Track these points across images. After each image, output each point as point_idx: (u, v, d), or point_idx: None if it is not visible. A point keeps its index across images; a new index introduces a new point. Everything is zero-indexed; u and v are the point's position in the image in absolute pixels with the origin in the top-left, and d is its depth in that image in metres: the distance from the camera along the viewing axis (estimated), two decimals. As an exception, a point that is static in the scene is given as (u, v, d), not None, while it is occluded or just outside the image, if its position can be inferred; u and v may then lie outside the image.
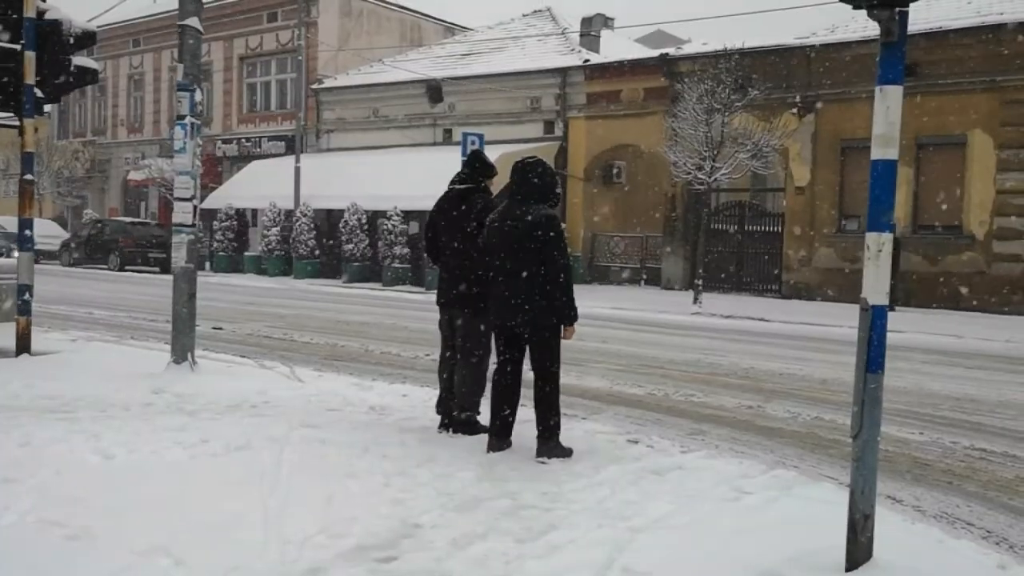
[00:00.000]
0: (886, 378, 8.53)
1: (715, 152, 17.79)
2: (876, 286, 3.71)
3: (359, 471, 4.94)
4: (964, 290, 18.42)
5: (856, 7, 3.63)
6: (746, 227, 22.32)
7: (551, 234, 5.30)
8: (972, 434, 6.98)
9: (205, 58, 30.04)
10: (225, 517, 4.10)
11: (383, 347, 11.09)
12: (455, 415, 6.09)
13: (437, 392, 6.37)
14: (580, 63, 24.36)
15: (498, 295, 5.47)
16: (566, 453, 5.53)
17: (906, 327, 14.05)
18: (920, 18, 19.38)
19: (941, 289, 18.55)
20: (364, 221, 24.26)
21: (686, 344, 12.29)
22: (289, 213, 26.15)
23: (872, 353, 3.69)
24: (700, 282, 18.21)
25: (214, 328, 12.08)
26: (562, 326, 5.45)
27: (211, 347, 9.71)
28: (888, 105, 3.66)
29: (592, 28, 26.14)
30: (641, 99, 23.03)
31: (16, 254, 8.97)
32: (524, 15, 29.39)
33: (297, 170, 25.67)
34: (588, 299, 18.97)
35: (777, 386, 8.99)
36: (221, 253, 27.86)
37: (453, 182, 6.20)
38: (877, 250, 3.71)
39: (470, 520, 4.26)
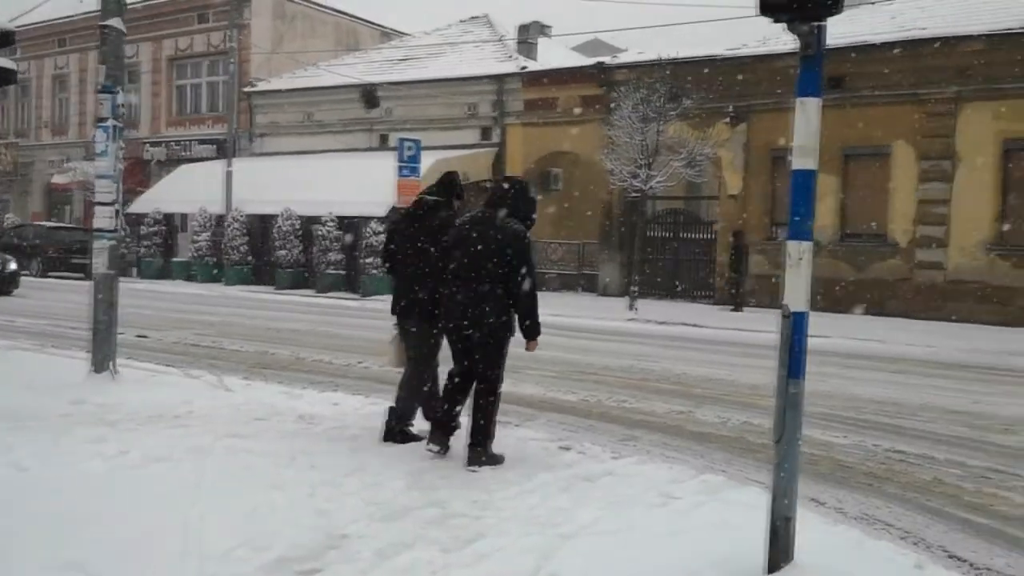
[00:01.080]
0: (813, 383, 8.74)
1: (650, 160, 18.01)
2: (797, 293, 3.77)
3: (285, 482, 4.85)
4: (888, 296, 18.93)
5: (776, 21, 3.69)
6: (681, 234, 22.63)
7: (522, 251, 5.39)
8: (893, 437, 7.16)
9: (133, 59, 29.46)
10: (143, 531, 3.99)
11: (315, 355, 10.95)
12: (393, 425, 6.02)
13: (371, 400, 6.32)
14: (517, 70, 24.43)
15: (454, 299, 5.47)
16: (498, 461, 5.54)
17: (832, 332, 14.37)
18: (845, 32, 19.90)
19: (867, 295, 19.02)
20: (298, 227, 23.94)
21: (621, 350, 12.39)
22: (220, 218, 25.68)
23: (793, 359, 3.75)
24: (636, 288, 18.39)
25: (139, 336, 11.79)
26: (525, 340, 5.58)
27: (135, 356, 9.46)
28: (807, 116, 3.73)
29: (529, 35, 26.25)
30: (578, 107, 23.19)
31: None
32: (461, 21, 29.37)
33: (229, 174, 25.23)
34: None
35: (708, 391, 9.11)
36: (148, 259, 27.21)
37: (422, 195, 6.24)
38: (798, 258, 3.78)
39: (398, 530, 4.22)
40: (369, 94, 26.21)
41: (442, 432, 5.64)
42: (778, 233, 20.38)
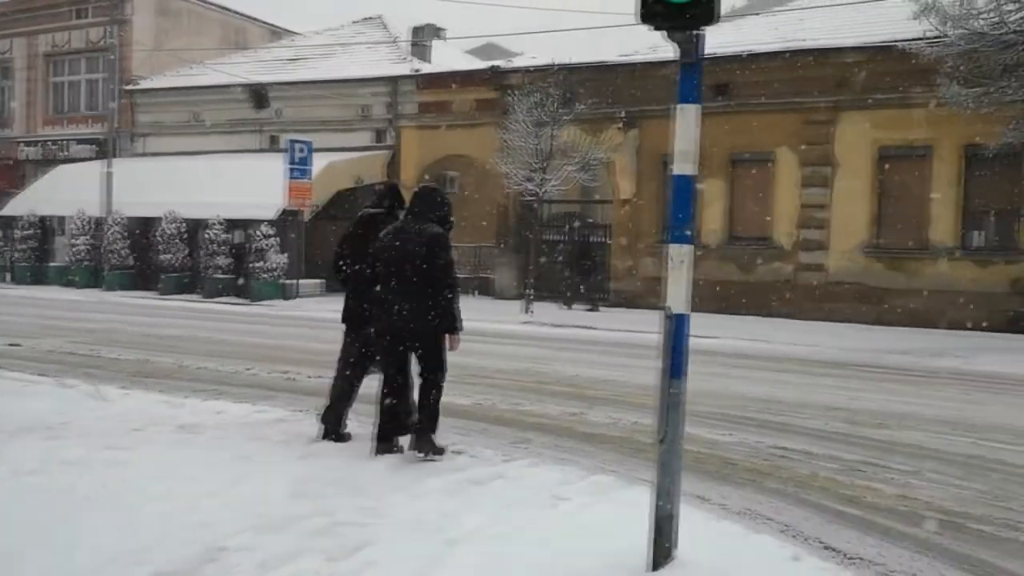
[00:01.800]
0: (700, 382, 8.91)
1: (544, 164, 18.17)
2: (678, 295, 3.85)
3: (163, 494, 4.68)
4: (773, 297, 19.60)
5: (656, 29, 3.76)
6: (575, 238, 22.88)
7: (443, 252, 5.70)
8: (776, 434, 7.39)
9: (6, 55, 28.06)
10: (9, 549, 3.77)
11: (200, 362, 10.61)
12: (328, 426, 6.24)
13: (257, 408, 6.19)
14: (411, 72, 24.29)
15: (386, 304, 5.73)
16: (440, 451, 5.81)
17: (720, 332, 14.79)
18: (731, 41, 20.54)
19: (753, 297, 19.66)
20: (183, 230, 23.15)
21: (516, 353, 12.44)
22: (100, 221, 24.63)
23: (675, 360, 3.83)
24: (531, 292, 18.51)
25: (10, 344, 11.22)
26: (447, 335, 5.81)
27: (7, 365, 9.00)
28: (687, 123, 3.82)
29: (423, 38, 26.12)
30: (473, 110, 23.22)
31: None
32: (354, 22, 29.01)
33: (109, 175, 24.24)
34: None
35: (600, 393, 9.23)
36: (23, 264, 25.89)
37: (367, 207, 6.55)
38: (679, 261, 3.86)
39: (281, 540, 4.12)
40: (258, 94, 25.62)
41: (387, 442, 5.93)
42: (668, 237, 20.85)
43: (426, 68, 24.62)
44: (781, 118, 19.59)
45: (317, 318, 17.48)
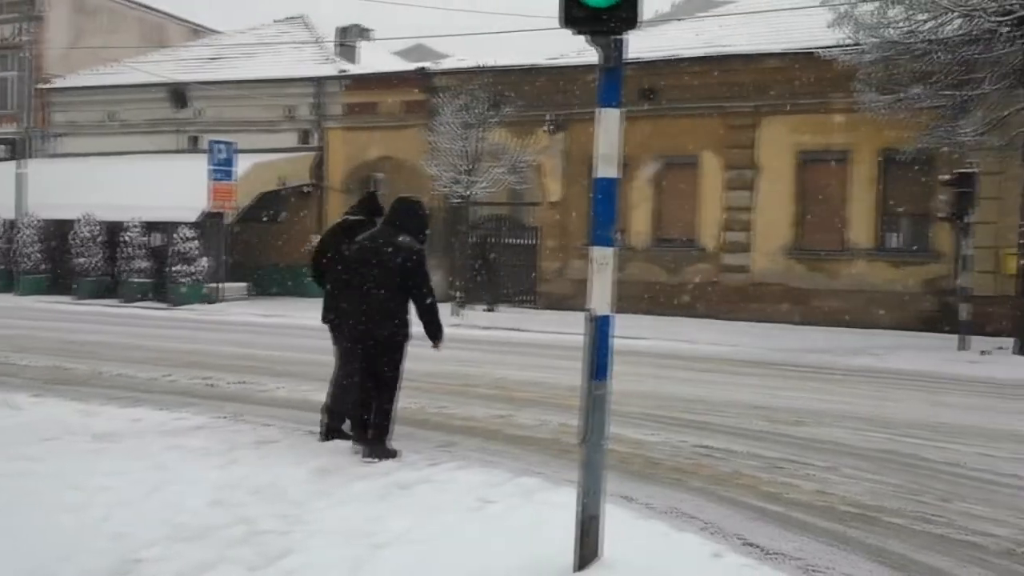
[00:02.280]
0: (627, 383, 8.99)
1: (472, 166, 18.16)
2: (601, 297, 3.88)
3: (77, 504, 4.53)
4: (699, 298, 19.94)
5: (577, 33, 3.78)
6: (504, 240, 22.91)
7: (420, 266, 5.97)
8: (699, 433, 7.51)
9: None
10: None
11: (117, 369, 10.31)
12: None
13: (176, 415, 6.06)
14: (337, 73, 24.03)
15: (358, 309, 5.96)
16: (392, 454, 5.95)
17: (647, 334, 14.99)
18: (656, 46, 20.84)
19: (679, 298, 19.97)
20: (100, 232, 22.44)
21: (443, 356, 12.22)
22: (11, 223, 23.75)
23: (598, 361, 3.86)
24: (460, 294, 18.47)
25: (-85, 353, 10.73)
26: (434, 341, 6.23)
27: (-91, 374, 8.60)
28: (608, 126, 3.85)
29: (349, 38, 25.86)
30: (400, 112, 23.08)
31: None
32: (277, 21, 28.53)
33: (21, 176, 23.39)
34: (346, 312, 18.73)
35: (528, 395, 9.26)
36: (-71, 269, 24.83)
37: (346, 214, 6.87)
38: (602, 263, 3.89)
39: (200, 550, 4.02)
40: (178, 94, 25.04)
41: (363, 431, 6.09)
42: (597, 239, 21.03)
43: (353, 69, 24.38)
44: (705, 122, 19.95)
45: (241, 322, 17.19)
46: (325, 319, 6.63)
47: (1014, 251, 14.58)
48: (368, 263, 5.92)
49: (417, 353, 11.99)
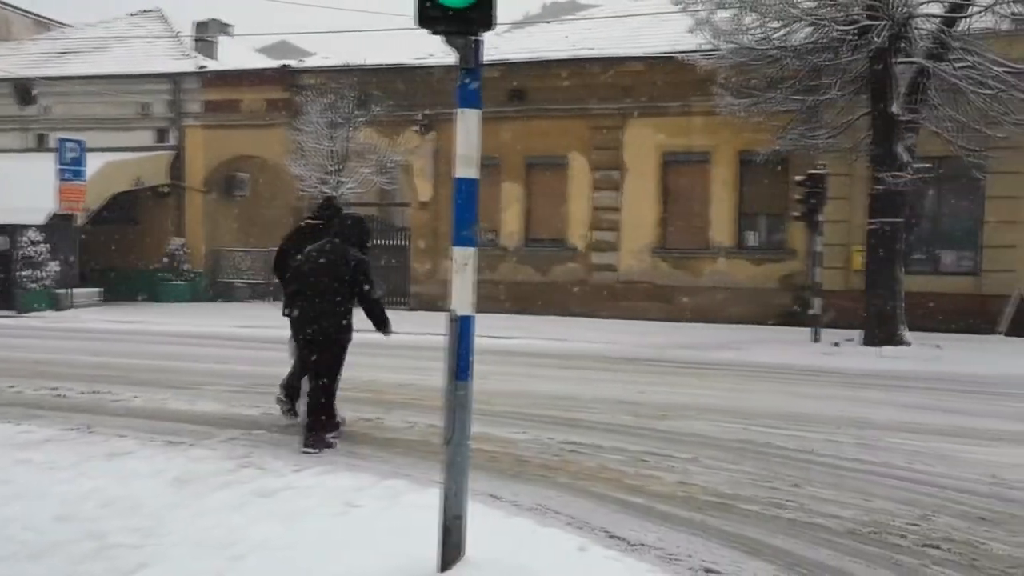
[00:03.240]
0: (497, 382, 9.03)
1: (340, 166, 17.87)
2: (463, 297, 3.88)
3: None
4: (569, 297, 20.26)
5: (433, 33, 3.77)
6: (374, 241, 22.64)
7: (365, 273, 6.73)
8: (567, 429, 7.62)
9: None
10: None
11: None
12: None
13: (21, 428, 5.72)
14: (195, 69, 23.21)
15: (306, 312, 6.66)
16: (331, 445, 6.58)
17: (519, 333, 15.12)
18: (524, 48, 21.08)
19: (551, 297, 20.24)
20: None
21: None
22: None
23: (460, 362, 3.85)
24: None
25: None
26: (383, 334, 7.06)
27: None
28: (468, 127, 3.85)
29: (208, 33, 25.01)
30: (263, 110, 22.49)
31: None
32: (131, 15, 27.30)
33: None
34: (209, 318, 18.11)
35: (398, 397, 9.19)
36: None
37: (308, 218, 7.69)
38: (463, 263, 3.88)
39: (45, 568, 3.80)
40: (23, 90, 23.63)
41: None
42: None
43: (212, 65, 23.61)
44: (573, 123, 20.30)
45: (93, 329, 16.37)
46: (285, 313, 7.09)
47: (862, 248, 15.44)
48: (322, 273, 6.65)
49: (282, 358, 11.75)
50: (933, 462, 6.58)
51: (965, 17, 13.89)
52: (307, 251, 6.84)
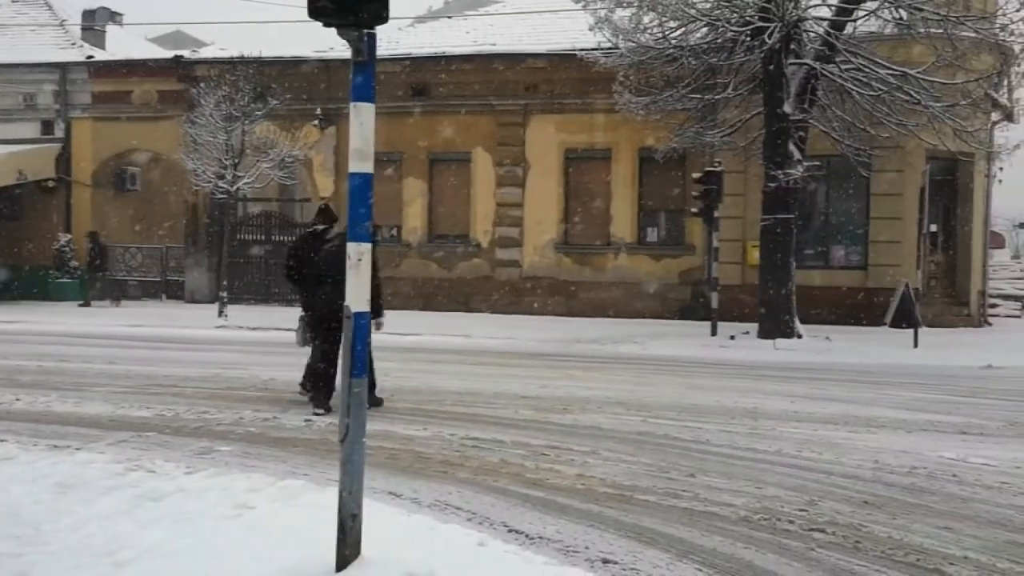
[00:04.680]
0: (400, 379, 8.96)
1: (236, 161, 17.43)
2: (357, 294, 3.82)
3: None
4: (474, 293, 20.27)
5: (326, 25, 3.70)
6: (275, 237, 22.19)
7: (373, 262, 7.62)
8: (469, 425, 7.62)
9: None
10: None
11: None
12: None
13: None
14: (83, 59, 22.30)
15: (330, 297, 7.57)
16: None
17: (423, 330, 15.04)
18: (427, 43, 20.98)
19: (454, 293, 20.21)
20: None
21: (206, 359, 11.83)
22: None
23: (355, 359, 3.79)
24: (226, 294, 17.71)
25: None
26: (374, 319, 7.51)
27: None
28: (362, 121, 3.79)
29: (96, 22, 24.06)
30: (155, 102, 21.80)
31: None
32: (13, 1, 26.07)
33: None
34: (95, 318, 17.44)
35: (296, 396, 8.99)
36: None
37: (313, 224, 8.95)
38: (357, 259, 3.83)
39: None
40: None
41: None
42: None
43: (101, 55, 22.74)
44: (477, 119, 20.32)
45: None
46: (306, 306, 8.53)
47: (757, 243, 15.92)
48: (338, 263, 6.92)
49: (177, 357, 11.45)
50: (821, 449, 6.83)
51: (852, 21, 14.46)
52: (326, 248, 8.21)
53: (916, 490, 5.73)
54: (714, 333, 15.32)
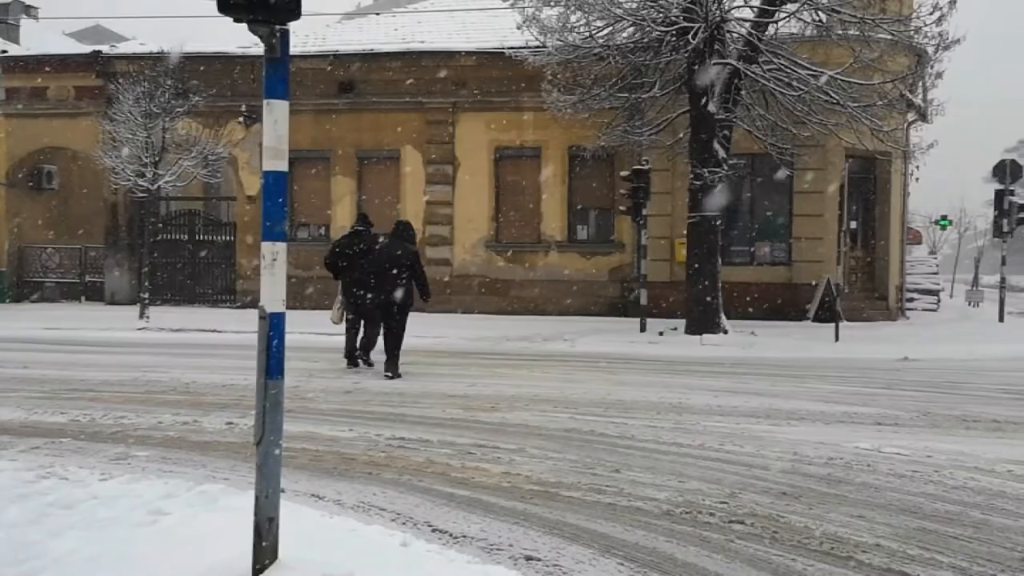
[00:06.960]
0: (328, 380, 8.78)
1: (157, 159, 17.00)
2: (273, 294, 3.76)
3: None
4: (403, 292, 20.11)
5: (236, 21, 3.62)
6: (199, 237, 21.74)
7: (418, 259, 10.71)
8: (396, 425, 7.56)
9: None
10: None
11: None
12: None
13: None
14: (-5, 54, 21.55)
15: (382, 286, 10.38)
16: (399, 375, 10.23)
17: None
18: (354, 40, 20.77)
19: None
20: None
21: (126, 362, 11.52)
22: None
23: (271, 360, 3.73)
24: (147, 295, 17.27)
25: None
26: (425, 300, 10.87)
27: None
28: (275, 118, 3.72)
29: (9, 15, 23.26)
30: (72, 98, 21.16)
31: None
32: (-79, -7, 25.12)
33: None
34: (14, 320, 16.86)
35: (218, 399, 8.84)
36: None
37: (354, 227, 11.66)
38: (272, 259, 3.77)
39: None
40: None
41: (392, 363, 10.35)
42: (296, 234, 20.58)
43: (14, 50, 21.98)
44: (406, 117, 20.19)
45: None
46: (353, 299, 11.11)
47: (684, 241, 16.15)
48: (390, 260, 10.43)
49: (95, 361, 11.14)
50: (743, 443, 6.96)
51: (773, 22, 14.76)
52: (378, 249, 10.86)
53: (832, 480, 5.87)
54: (643, 329, 15.50)
